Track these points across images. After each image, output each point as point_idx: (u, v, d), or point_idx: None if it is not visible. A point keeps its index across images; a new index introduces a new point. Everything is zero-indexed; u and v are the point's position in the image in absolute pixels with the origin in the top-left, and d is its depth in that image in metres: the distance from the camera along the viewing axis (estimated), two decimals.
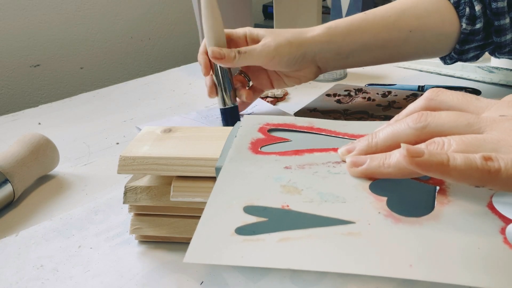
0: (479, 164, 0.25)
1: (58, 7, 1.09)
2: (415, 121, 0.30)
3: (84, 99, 0.80)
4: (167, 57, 1.34)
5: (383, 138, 0.31)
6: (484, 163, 0.25)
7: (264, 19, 1.55)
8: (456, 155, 0.25)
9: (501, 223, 0.25)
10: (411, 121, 0.30)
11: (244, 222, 0.27)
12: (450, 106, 0.32)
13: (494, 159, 0.25)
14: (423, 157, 0.25)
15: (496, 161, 0.25)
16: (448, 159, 0.25)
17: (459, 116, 0.29)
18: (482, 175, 0.25)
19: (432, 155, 0.25)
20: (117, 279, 0.35)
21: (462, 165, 0.25)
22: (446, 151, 0.26)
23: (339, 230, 0.26)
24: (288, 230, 0.26)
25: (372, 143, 0.31)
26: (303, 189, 0.29)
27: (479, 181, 0.25)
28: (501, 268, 0.23)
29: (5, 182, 0.45)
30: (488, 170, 0.25)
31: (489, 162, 0.25)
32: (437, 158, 0.25)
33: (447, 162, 0.25)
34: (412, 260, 0.23)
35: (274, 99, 0.72)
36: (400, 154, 0.26)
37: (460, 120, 0.29)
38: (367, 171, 0.30)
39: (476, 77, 0.77)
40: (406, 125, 0.30)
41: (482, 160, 0.25)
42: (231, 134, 0.37)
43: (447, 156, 0.25)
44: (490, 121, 0.28)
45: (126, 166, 0.36)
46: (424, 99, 0.33)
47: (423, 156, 0.25)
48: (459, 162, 0.25)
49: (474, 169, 0.25)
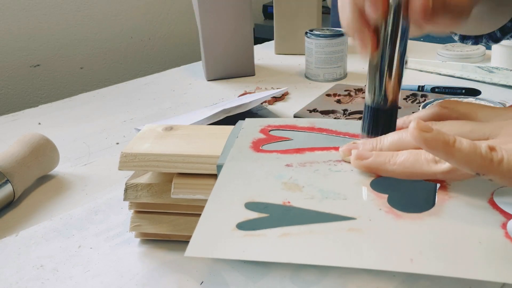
0: (483, 152, 0.25)
1: (58, 7, 1.09)
2: None
3: (84, 99, 0.80)
4: (167, 57, 1.34)
5: (388, 145, 0.31)
6: (488, 151, 0.26)
7: (264, 19, 1.55)
8: (463, 139, 0.26)
9: (502, 218, 0.26)
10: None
11: (245, 217, 0.27)
12: (461, 114, 0.33)
13: (498, 150, 0.26)
14: (431, 133, 0.26)
15: (500, 151, 0.26)
16: (454, 140, 0.26)
17: (463, 124, 0.30)
18: (484, 162, 0.25)
19: (440, 133, 0.26)
20: (117, 279, 0.35)
21: (467, 148, 0.26)
22: None
23: (340, 226, 0.26)
24: (289, 226, 0.26)
25: (376, 148, 0.31)
26: (304, 186, 0.29)
27: (480, 168, 0.26)
28: (502, 261, 0.23)
29: (5, 182, 0.45)
30: (491, 158, 0.25)
31: (493, 152, 0.26)
32: (444, 137, 0.26)
33: (453, 143, 0.26)
34: (413, 254, 0.23)
35: (272, 99, 0.72)
36: (410, 127, 0.26)
37: (464, 127, 0.30)
38: (372, 165, 0.30)
39: (476, 77, 0.77)
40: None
41: (486, 148, 0.26)
42: (233, 134, 0.37)
43: (454, 137, 0.26)
44: (494, 126, 0.29)
45: (127, 163, 0.36)
46: (437, 106, 0.34)
47: (431, 132, 0.26)
48: (465, 145, 0.26)
49: (478, 155, 0.25)
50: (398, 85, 0.33)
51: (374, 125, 0.34)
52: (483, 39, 0.59)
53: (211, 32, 0.82)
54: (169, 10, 1.31)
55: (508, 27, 0.56)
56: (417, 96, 0.67)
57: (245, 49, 0.85)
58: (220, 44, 0.83)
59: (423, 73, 0.83)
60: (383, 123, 0.34)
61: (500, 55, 0.81)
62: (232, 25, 0.82)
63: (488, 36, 0.59)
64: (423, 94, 0.68)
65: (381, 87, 0.33)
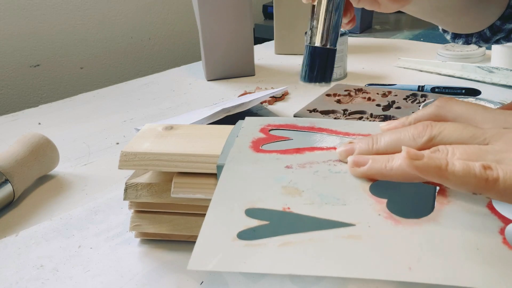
0: (478, 172, 0.25)
1: (58, 7, 1.09)
2: (420, 134, 0.30)
3: (84, 99, 0.80)
4: (167, 57, 1.34)
5: (384, 145, 0.31)
6: (482, 171, 0.25)
7: (264, 19, 1.55)
8: (456, 161, 0.26)
9: (500, 224, 0.26)
10: (415, 132, 0.30)
11: (246, 226, 0.27)
12: (458, 115, 0.32)
13: (494, 168, 0.25)
14: (422, 161, 0.26)
15: (495, 170, 0.25)
16: (446, 164, 0.26)
17: (464, 128, 0.30)
18: (479, 183, 0.25)
19: (431, 159, 0.26)
20: (117, 279, 0.35)
21: (460, 171, 0.25)
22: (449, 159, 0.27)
23: (340, 233, 0.26)
24: (289, 234, 0.26)
25: (373, 149, 0.31)
26: (304, 191, 0.29)
27: (476, 189, 0.25)
28: (500, 268, 0.23)
29: (5, 182, 0.45)
30: (485, 178, 0.25)
31: (488, 171, 0.25)
32: (436, 162, 0.26)
33: (445, 167, 0.25)
34: (411, 262, 0.23)
35: (272, 99, 0.72)
36: (401, 156, 0.26)
37: (465, 132, 0.29)
38: (369, 172, 0.30)
39: (476, 77, 0.77)
40: (411, 135, 0.30)
41: (481, 168, 0.25)
42: (233, 134, 0.37)
43: (446, 161, 0.26)
44: (494, 133, 0.29)
45: (127, 162, 0.36)
46: (434, 106, 0.34)
47: (422, 159, 0.26)
48: (458, 168, 0.25)
49: (472, 176, 0.25)
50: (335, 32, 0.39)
51: (314, 65, 0.39)
52: (473, 38, 0.60)
53: (211, 32, 0.82)
54: (169, 10, 1.31)
55: (497, 26, 0.56)
56: (417, 96, 0.67)
57: (245, 49, 0.85)
58: (220, 44, 0.83)
59: (423, 73, 0.83)
60: (320, 62, 0.39)
61: (500, 55, 0.81)
62: (232, 25, 0.82)
63: (478, 35, 0.59)
64: (423, 94, 0.68)
65: (318, 31, 0.39)
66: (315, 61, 0.39)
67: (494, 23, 0.57)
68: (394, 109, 0.63)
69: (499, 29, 0.57)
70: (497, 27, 0.57)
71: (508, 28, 0.57)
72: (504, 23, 0.56)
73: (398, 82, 0.78)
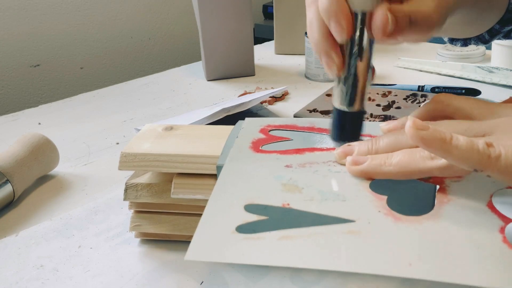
0: (481, 148, 0.25)
1: (58, 7, 1.09)
2: None
3: (84, 99, 0.80)
4: (167, 57, 1.34)
5: (384, 145, 0.31)
6: (485, 147, 0.25)
7: (264, 19, 1.55)
8: (460, 136, 0.26)
9: (500, 222, 0.26)
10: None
11: (244, 220, 0.27)
12: (456, 109, 0.33)
13: (496, 146, 0.26)
14: (428, 131, 0.26)
15: (497, 148, 0.25)
16: (451, 138, 0.26)
17: (459, 123, 0.30)
18: (482, 159, 0.25)
19: (437, 131, 0.26)
20: (117, 279, 0.35)
21: (464, 145, 0.25)
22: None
23: (339, 228, 0.26)
24: (289, 229, 0.26)
25: (372, 149, 0.31)
26: (304, 188, 0.29)
27: (478, 165, 0.26)
28: (499, 267, 0.23)
29: (5, 182, 0.45)
30: (488, 154, 0.25)
31: (490, 148, 0.25)
32: (441, 135, 0.26)
33: (450, 140, 0.26)
34: (411, 259, 0.23)
35: (272, 99, 0.72)
36: (406, 125, 0.26)
37: (460, 127, 0.30)
38: (367, 169, 0.30)
39: (476, 77, 0.77)
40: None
41: (484, 144, 0.26)
42: (233, 134, 0.37)
43: (450, 134, 0.26)
44: (491, 124, 0.29)
45: (127, 163, 0.36)
46: (432, 102, 0.34)
47: (428, 129, 0.26)
48: (462, 142, 0.26)
49: (475, 151, 0.25)
50: (363, 94, 0.34)
51: (343, 128, 0.35)
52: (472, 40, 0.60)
53: (211, 32, 0.82)
54: (169, 10, 1.31)
55: (496, 30, 0.56)
56: (417, 96, 0.67)
57: (245, 49, 0.85)
58: (220, 44, 0.83)
59: (423, 73, 0.83)
60: (351, 126, 0.34)
61: (500, 55, 0.81)
62: (232, 25, 0.82)
63: (477, 38, 0.59)
64: (423, 94, 0.68)
65: (347, 96, 0.33)
66: (345, 124, 0.35)
67: (493, 27, 0.57)
68: (394, 109, 0.63)
69: (497, 32, 0.57)
70: (496, 30, 0.57)
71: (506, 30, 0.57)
72: (503, 26, 0.56)
73: (398, 82, 0.78)
